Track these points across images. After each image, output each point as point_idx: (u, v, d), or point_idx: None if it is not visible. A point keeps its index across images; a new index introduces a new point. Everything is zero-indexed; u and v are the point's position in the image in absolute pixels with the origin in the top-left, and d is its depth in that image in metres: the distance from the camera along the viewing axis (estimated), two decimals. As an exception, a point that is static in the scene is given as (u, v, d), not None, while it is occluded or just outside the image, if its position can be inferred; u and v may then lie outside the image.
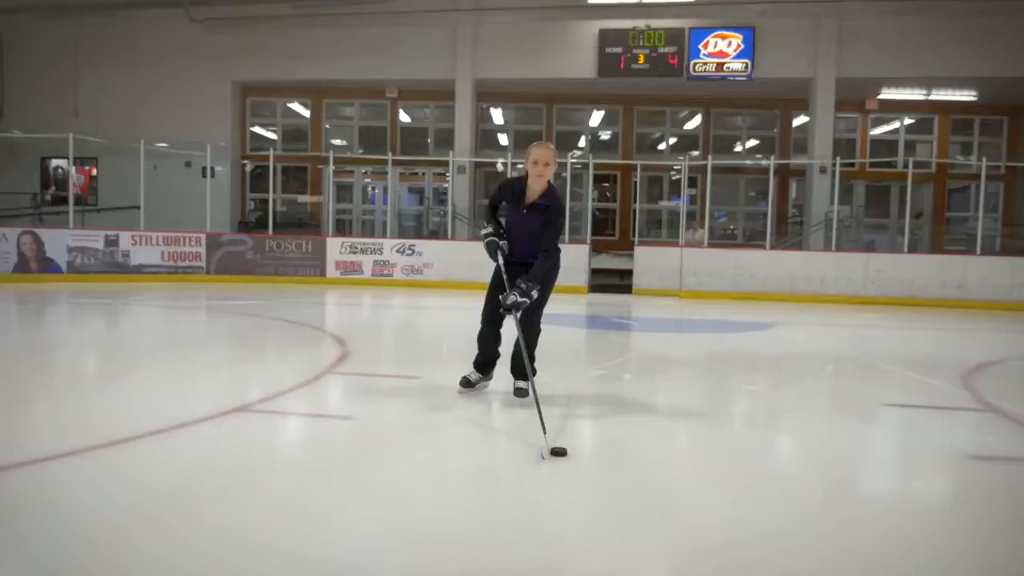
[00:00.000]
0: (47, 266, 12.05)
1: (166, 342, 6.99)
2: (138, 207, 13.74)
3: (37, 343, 6.76)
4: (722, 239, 17.45)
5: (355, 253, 13.31)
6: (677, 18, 14.82)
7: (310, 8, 15.40)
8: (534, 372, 4.05)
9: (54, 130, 14.49)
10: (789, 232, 16.69)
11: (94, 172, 17.45)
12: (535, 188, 4.13)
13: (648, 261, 13.31)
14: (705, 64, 14.90)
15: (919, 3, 13.84)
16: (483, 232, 4.33)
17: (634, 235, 14.87)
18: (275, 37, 15.84)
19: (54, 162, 17.69)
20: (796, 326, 8.92)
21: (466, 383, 4.43)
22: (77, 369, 5.51)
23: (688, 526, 2.46)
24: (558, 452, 3.20)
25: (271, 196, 14.26)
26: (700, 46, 14.88)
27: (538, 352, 4.33)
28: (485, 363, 4.46)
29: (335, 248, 13.35)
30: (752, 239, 16.48)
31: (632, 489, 2.87)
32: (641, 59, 15.03)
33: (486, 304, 4.35)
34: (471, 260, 12.79)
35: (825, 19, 14.48)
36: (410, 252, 13.28)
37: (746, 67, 14.81)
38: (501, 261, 4.18)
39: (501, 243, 4.22)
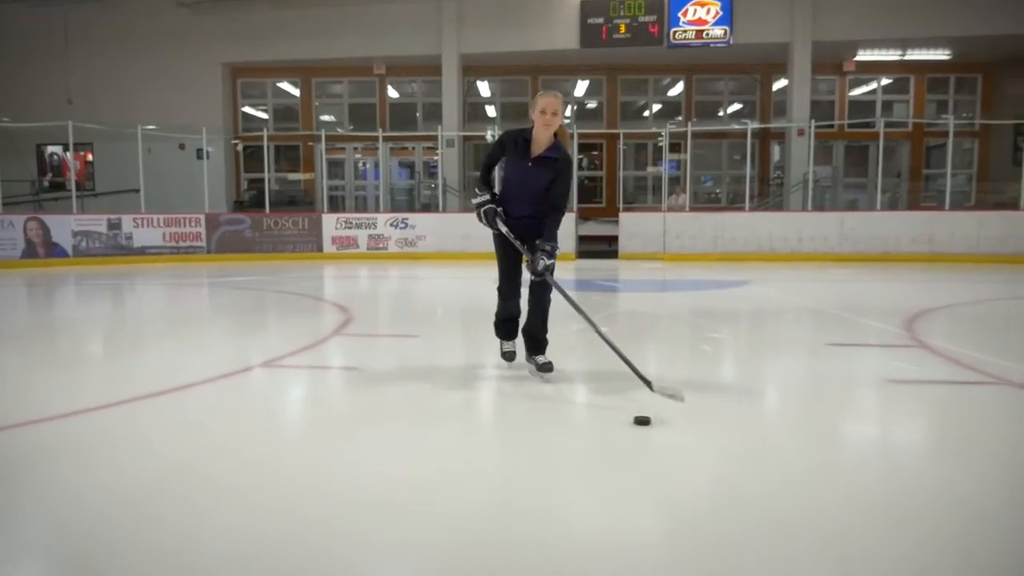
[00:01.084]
0: (53, 251, 12.52)
1: (187, 314, 7.56)
2: (137, 190, 14.17)
3: (67, 319, 7.29)
4: (707, 203, 17.96)
5: (350, 228, 13.79)
6: (656, -13, 15.14)
7: (295, -12, 15.69)
8: (547, 341, 4.08)
9: (48, 117, 14.82)
10: (771, 193, 17.19)
11: (90, 158, 17.82)
12: (541, 140, 3.87)
13: (633, 226, 13.82)
14: (685, 32, 15.25)
15: (891, -35, 14.19)
16: (477, 200, 3.99)
17: (620, 202, 15.36)
18: (263, 18, 16.14)
19: (50, 149, 18.05)
20: (770, 283, 9.47)
21: (510, 356, 4.30)
22: (118, 338, 6.02)
23: (638, 432, 2.99)
24: (641, 421, 3.11)
25: (266, 175, 14.67)
26: (679, 14, 15.22)
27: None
28: (514, 328, 4.26)
29: (331, 224, 13.83)
30: (736, 201, 16.98)
31: (606, 409, 3.41)
32: (622, 29, 15.37)
33: (502, 274, 4.11)
34: (463, 232, 13.33)
35: (800, -16, 14.84)
36: (403, 225, 13.76)
37: (725, 33, 15.17)
38: (505, 228, 3.93)
39: (499, 208, 3.97)
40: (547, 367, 4.04)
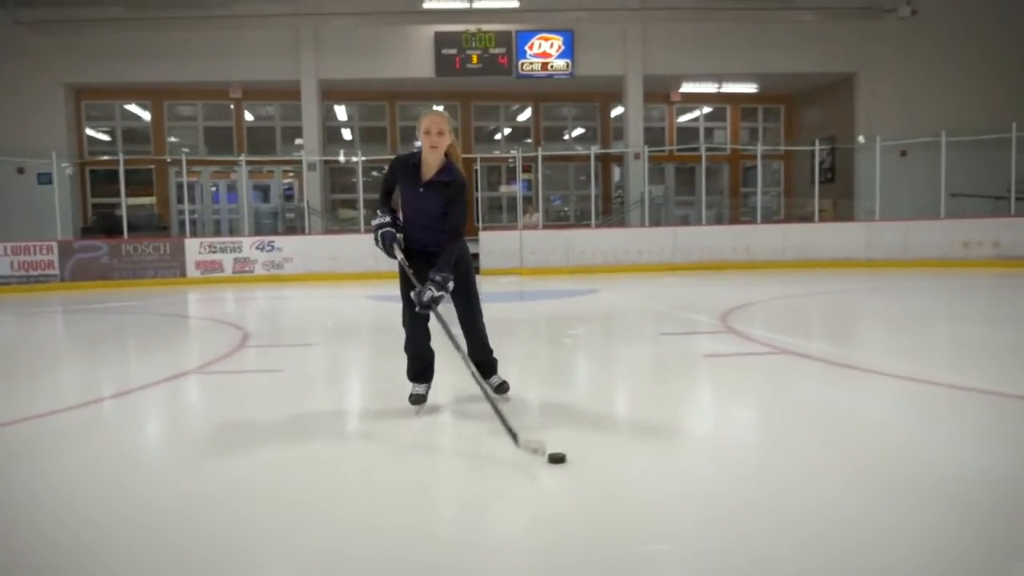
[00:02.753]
0: None
1: (80, 338, 7.80)
2: None
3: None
4: (558, 220, 19.41)
5: (215, 252, 13.88)
6: (504, 23, 16.42)
7: (144, 11, 15.53)
8: (496, 359, 4.04)
9: None
10: (614, 211, 18.89)
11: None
12: (431, 162, 3.66)
13: (492, 244, 14.87)
14: (531, 63, 16.61)
15: (707, 11, 16.24)
16: (376, 222, 3.73)
17: (478, 221, 16.35)
18: (109, 39, 15.77)
19: None
20: (615, 291, 10.79)
21: (419, 399, 3.88)
22: (21, 361, 6.14)
23: (522, 404, 3.87)
24: (556, 459, 2.87)
25: (123, 200, 14.38)
26: (526, 47, 16.57)
27: (396, 327, 3.96)
28: (424, 369, 3.92)
29: (194, 248, 13.84)
30: (583, 219, 18.49)
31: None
32: (474, 59, 16.50)
33: (405, 307, 3.79)
34: (329, 253, 13.84)
35: (631, 25, 16.64)
36: (269, 248, 14.03)
37: (567, 66, 16.68)
38: (400, 255, 3.68)
39: (399, 235, 3.73)
40: (502, 388, 3.96)
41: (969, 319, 7.39)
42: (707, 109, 19.92)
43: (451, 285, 3.56)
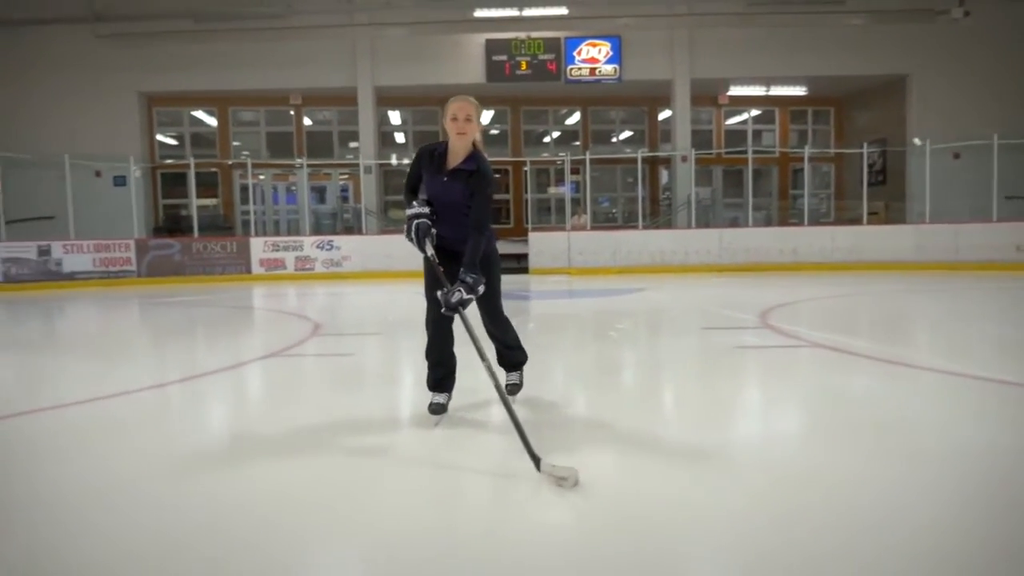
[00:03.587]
0: (-17, 278, 12.79)
1: (172, 326, 8.54)
2: (51, 218, 14.52)
3: (57, 338, 7.94)
4: (605, 222, 19.74)
5: (278, 250, 14.64)
6: (553, 30, 16.85)
7: (211, 24, 16.41)
8: (525, 358, 3.92)
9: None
10: (661, 213, 19.15)
11: (-2, 186, 17.75)
12: (457, 150, 3.46)
13: (541, 245, 15.31)
14: (580, 69, 17.00)
15: (756, 16, 16.41)
16: (411, 212, 3.47)
17: (527, 222, 16.80)
18: (179, 50, 16.70)
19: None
20: (660, 290, 11.11)
21: (439, 408, 3.64)
22: (143, 341, 6.83)
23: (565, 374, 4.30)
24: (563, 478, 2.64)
25: (193, 201, 15.26)
26: (575, 53, 16.96)
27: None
28: (445, 376, 3.69)
29: (258, 247, 14.62)
30: (630, 220, 18.80)
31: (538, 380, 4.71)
32: (524, 66, 16.97)
33: (431, 305, 3.57)
34: (384, 251, 14.44)
35: (678, 31, 16.90)
36: (329, 247, 14.73)
37: (615, 71, 17.02)
38: (431, 251, 3.43)
39: (433, 229, 3.46)
40: (511, 389, 3.83)
41: (1013, 322, 7.51)
42: (755, 112, 20.02)
43: (481, 288, 3.35)
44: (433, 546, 2.20)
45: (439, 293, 3.33)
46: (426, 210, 3.46)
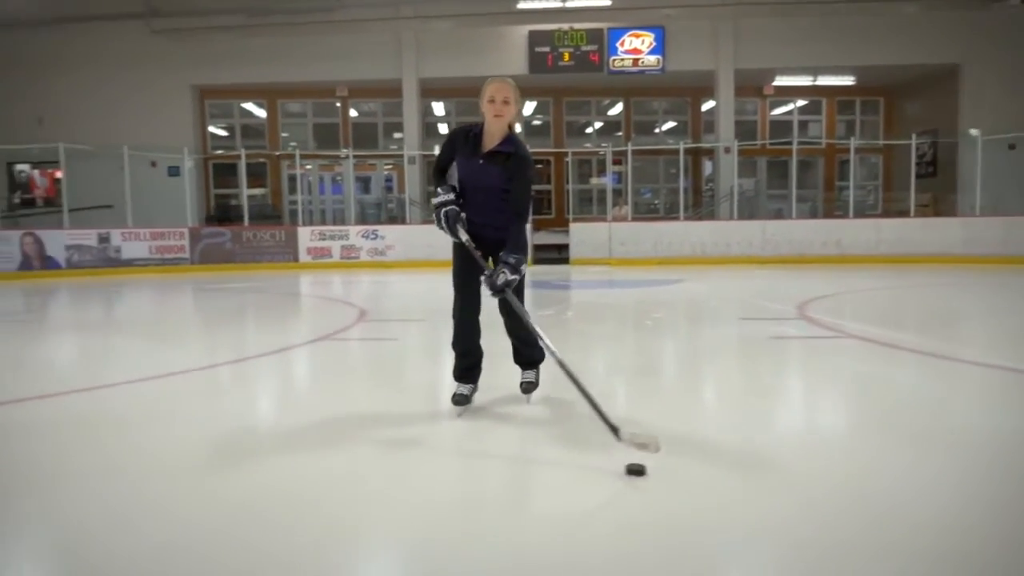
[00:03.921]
0: (48, 263, 13.44)
1: (231, 312, 8.93)
2: (109, 207, 15.14)
3: (122, 321, 8.40)
4: (647, 213, 19.72)
5: (324, 239, 15.03)
6: (596, 21, 16.87)
7: (262, 19, 16.83)
8: (542, 356, 3.66)
9: (18, 136, 15.64)
10: (704, 204, 19.05)
11: (58, 175, 18.53)
12: (494, 132, 3.38)
13: (582, 235, 15.41)
14: (623, 60, 16.99)
15: (800, 5, 16.19)
16: (437, 200, 3.40)
17: (568, 213, 16.92)
18: (230, 44, 17.17)
19: (18, 167, 18.69)
20: (700, 281, 11.15)
21: (463, 399, 3.59)
22: (213, 321, 7.22)
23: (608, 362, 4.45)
24: (635, 470, 2.65)
25: (243, 191, 15.76)
26: (617, 44, 16.96)
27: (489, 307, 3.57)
28: (471, 367, 3.65)
29: (306, 236, 15.03)
30: (672, 212, 18.75)
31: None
32: (566, 57, 17.03)
33: (459, 295, 3.53)
34: (427, 241, 14.68)
35: (723, 21, 16.76)
36: (373, 236, 15.06)
37: (658, 62, 16.97)
38: (465, 236, 3.36)
39: (463, 214, 3.41)
40: (527, 387, 3.72)
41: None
42: (801, 102, 19.74)
43: (524, 268, 3.31)
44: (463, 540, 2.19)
45: (482, 277, 3.28)
46: (452, 196, 3.39)
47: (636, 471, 2.64)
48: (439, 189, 3.42)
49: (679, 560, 2.03)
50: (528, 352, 3.69)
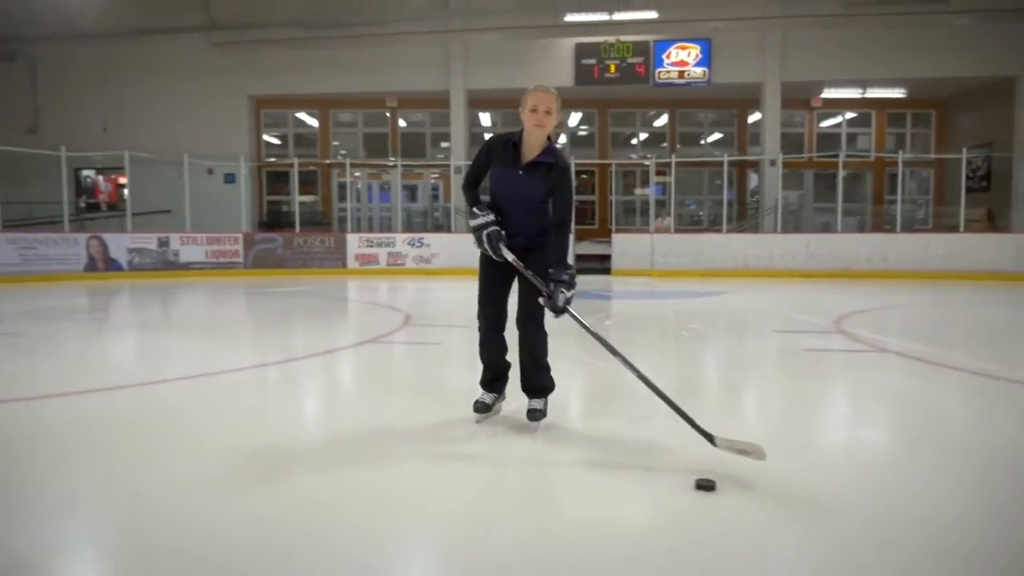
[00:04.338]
0: (111, 265, 14.14)
1: (284, 314, 9.38)
2: (168, 211, 15.81)
3: (181, 321, 8.87)
4: (690, 225, 19.72)
5: (372, 246, 15.44)
6: (642, 33, 17.00)
7: (316, 31, 17.39)
8: (552, 385, 3.60)
9: (84, 144, 16.43)
10: (748, 216, 18.97)
11: (121, 181, 19.37)
12: (533, 142, 3.35)
13: (624, 246, 15.52)
14: (668, 72, 17.08)
15: (850, 17, 16.07)
16: (477, 222, 3.38)
17: (611, 223, 17.03)
18: (285, 56, 17.77)
19: (84, 172, 19.59)
20: (741, 293, 11.18)
21: (483, 408, 3.60)
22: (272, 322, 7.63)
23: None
24: (705, 485, 2.67)
25: (296, 199, 16.31)
26: (664, 56, 17.06)
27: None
28: (496, 378, 3.65)
29: (354, 243, 15.46)
30: (716, 224, 18.72)
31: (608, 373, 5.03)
32: (612, 69, 17.19)
33: (485, 308, 3.53)
34: (471, 250, 14.82)
35: (770, 33, 16.73)
36: (419, 244, 15.42)
37: (704, 74, 17.02)
38: (511, 256, 3.34)
39: (503, 232, 3.38)
40: (534, 415, 3.53)
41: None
42: (850, 115, 19.54)
43: (576, 281, 3.31)
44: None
45: (541, 300, 3.25)
46: (492, 217, 3.36)
47: (706, 486, 2.64)
48: (475, 210, 3.41)
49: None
50: (537, 376, 3.56)
